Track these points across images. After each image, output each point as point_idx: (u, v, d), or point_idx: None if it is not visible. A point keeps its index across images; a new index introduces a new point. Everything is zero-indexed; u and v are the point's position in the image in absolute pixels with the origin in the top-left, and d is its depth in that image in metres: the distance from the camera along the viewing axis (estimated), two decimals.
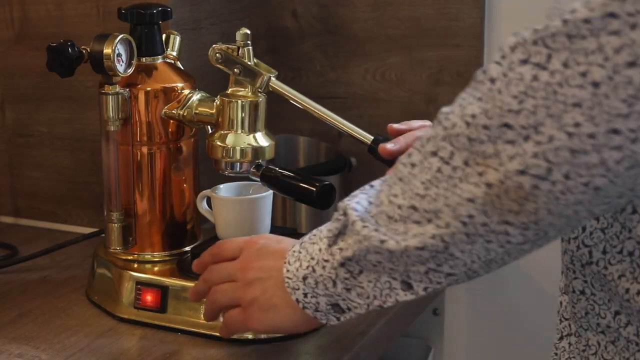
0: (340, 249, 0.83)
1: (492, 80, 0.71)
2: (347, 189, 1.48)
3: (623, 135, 0.66)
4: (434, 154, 0.74)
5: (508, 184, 0.70)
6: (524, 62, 0.69)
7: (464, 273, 0.78)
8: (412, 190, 0.76)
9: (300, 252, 0.88)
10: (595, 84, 0.66)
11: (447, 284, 0.80)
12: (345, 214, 0.82)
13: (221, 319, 1.09)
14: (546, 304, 1.39)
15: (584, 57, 0.66)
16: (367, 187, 0.84)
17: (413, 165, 0.76)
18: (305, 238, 0.88)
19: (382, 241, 0.78)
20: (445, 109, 0.75)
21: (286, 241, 0.93)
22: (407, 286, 0.81)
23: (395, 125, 1.09)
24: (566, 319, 0.92)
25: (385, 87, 1.52)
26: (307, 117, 1.13)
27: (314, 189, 1.07)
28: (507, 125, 0.69)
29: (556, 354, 0.94)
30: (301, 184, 1.09)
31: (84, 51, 1.12)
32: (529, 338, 1.53)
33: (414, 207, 0.76)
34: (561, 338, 0.93)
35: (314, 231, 0.88)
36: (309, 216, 1.41)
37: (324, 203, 1.08)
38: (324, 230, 0.86)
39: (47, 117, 1.46)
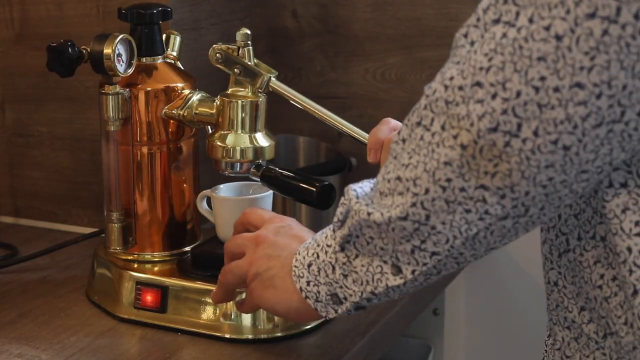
0: (341, 231, 0.86)
1: (472, 43, 0.73)
2: None
3: (587, 89, 0.68)
4: (419, 124, 0.77)
5: (481, 143, 0.71)
6: (496, 21, 0.71)
7: (447, 251, 0.79)
8: (400, 162, 0.79)
9: (309, 243, 0.91)
10: (558, 37, 0.68)
11: (434, 267, 0.81)
12: (348, 197, 0.85)
13: (221, 319, 1.09)
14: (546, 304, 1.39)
15: (547, 12, 0.68)
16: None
17: (404, 140, 0.79)
18: (318, 232, 0.92)
19: (369, 213, 0.81)
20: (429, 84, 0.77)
21: (310, 233, 0.97)
22: (397, 270, 0.83)
23: (371, 160, 1.06)
24: None
25: (385, 87, 1.52)
26: (307, 117, 1.13)
27: (314, 189, 1.07)
28: (478, 84, 0.71)
29: (545, 351, 0.94)
30: (301, 184, 1.09)
31: (84, 51, 1.12)
32: (529, 338, 1.53)
33: (399, 178, 0.78)
34: (549, 336, 0.94)
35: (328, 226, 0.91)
36: (309, 216, 1.41)
37: (324, 203, 1.08)
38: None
39: (47, 117, 1.46)
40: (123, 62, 1.12)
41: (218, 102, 1.13)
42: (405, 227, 0.79)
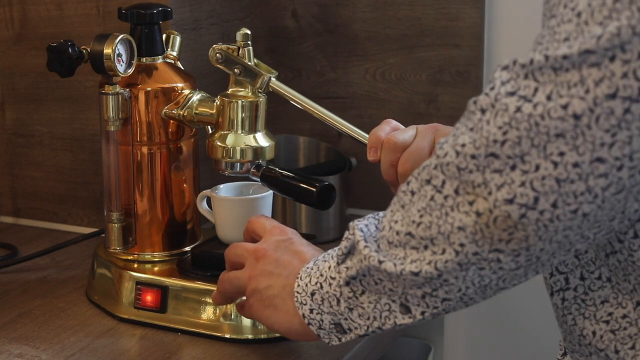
0: (347, 268, 0.85)
1: (483, 111, 0.73)
2: (347, 189, 1.49)
3: (608, 163, 0.68)
4: (428, 182, 0.77)
5: (496, 213, 0.72)
6: (511, 94, 0.71)
7: (459, 298, 0.80)
8: (409, 218, 0.79)
9: (312, 269, 0.90)
10: (576, 116, 0.68)
11: (443, 309, 0.81)
12: (353, 233, 0.85)
13: (221, 319, 1.09)
14: (546, 304, 1.39)
15: (566, 90, 0.68)
16: (380, 213, 0.86)
17: (413, 193, 0.79)
18: (320, 256, 0.91)
19: (381, 262, 0.81)
20: (441, 139, 0.77)
21: (310, 247, 0.96)
22: (406, 309, 0.83)
23: (371, 158, 1.05)
24: None
25: (385, 87, 1.52)
26: (307, 117, 1.13)
27: (314, 190, 1.07)
28: (494, 155, 0.71)
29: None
30: (301, 184, 1.09)
31: (84, 51, 1.12)
32: (529, 338, 1.53)
33: (410, 234, 0.79)
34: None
35: (329, 250, 0.90)
36: (309, 216, 1.41)
37: (323, 203, 1.08)
38: (336, 249, 0.88)
39: (47, 117, 1.46)
40: (123, 62, 1.12)
41: (218, 102, 1.13)
42: (416, 280, 0.79)
